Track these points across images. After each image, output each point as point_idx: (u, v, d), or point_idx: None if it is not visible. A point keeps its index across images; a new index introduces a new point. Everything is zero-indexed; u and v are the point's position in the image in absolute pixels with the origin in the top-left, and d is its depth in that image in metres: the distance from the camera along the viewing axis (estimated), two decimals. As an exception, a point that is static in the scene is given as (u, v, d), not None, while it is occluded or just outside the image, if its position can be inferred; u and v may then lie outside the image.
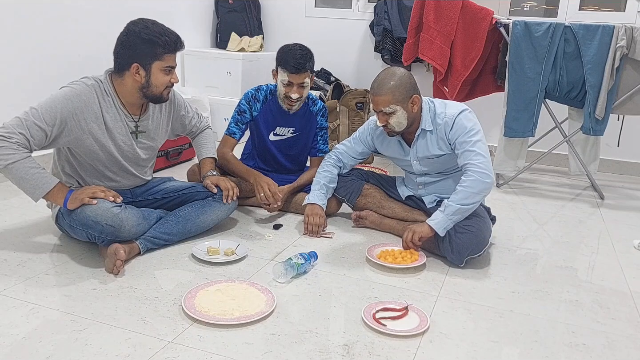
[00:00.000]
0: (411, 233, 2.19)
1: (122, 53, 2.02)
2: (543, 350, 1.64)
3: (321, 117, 2.74)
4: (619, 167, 3.96)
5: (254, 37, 4.38)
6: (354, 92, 3.91)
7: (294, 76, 2.48)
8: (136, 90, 2.04)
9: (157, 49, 1.98)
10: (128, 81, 2.03)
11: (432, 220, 2.16)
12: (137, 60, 1.99)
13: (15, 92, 2.96)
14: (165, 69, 2.03)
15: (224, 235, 2.37)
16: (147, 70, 2.01)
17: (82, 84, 2.02)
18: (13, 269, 1.96)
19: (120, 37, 2.03)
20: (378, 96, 2.19)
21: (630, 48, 3.02)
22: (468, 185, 2.12)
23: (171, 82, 2.07)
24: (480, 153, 2.15)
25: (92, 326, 1.62)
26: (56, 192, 1.94)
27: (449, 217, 2.13)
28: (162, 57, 2.00)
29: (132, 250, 2.07)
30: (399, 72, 2.21)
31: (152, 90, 2.04)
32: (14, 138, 1.87)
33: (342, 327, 1.70)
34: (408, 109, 2.20)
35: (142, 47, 1.98)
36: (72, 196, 1.96)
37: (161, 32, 2.00)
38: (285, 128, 2.68)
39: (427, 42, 3.35)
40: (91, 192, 1.97)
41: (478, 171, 2.12)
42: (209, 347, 1.55)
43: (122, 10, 3.54)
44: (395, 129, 2.24)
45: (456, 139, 2.20)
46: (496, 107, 3.41)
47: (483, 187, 2.13)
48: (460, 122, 2.20)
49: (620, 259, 2.39)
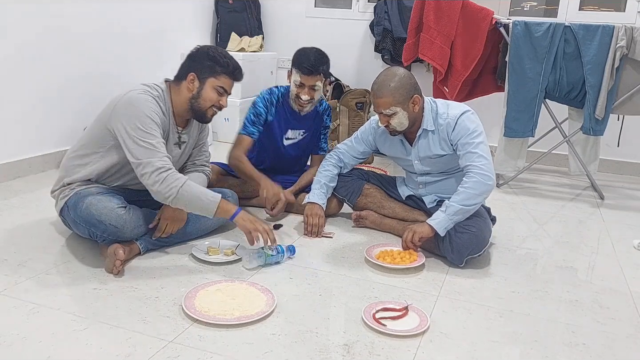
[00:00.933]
0: (411, 233, 2.19)
1: (186, 64, 2.12)
2: (543, 350, 1.64)
3: (327, 117, 2.77)
4: (619, 167, 3.96)
5: (254, 37, 4.39)
6: (354, 92, 3.91)
7: (305, 77, 2.50)
8: (187, 100, 2.10)
9: (217, 67, 2.08)
10: (183, 90, 2.10)
11: (433, 220, 2.16)
12: (195, 70, 2.08)
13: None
14: (218, 88, 2.09)
15: (224, 235, 2.37)
16: (201, 82, 2.08)
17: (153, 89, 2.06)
18: (13, 269, 1.96)
19: (190, 51, 2.14)
20: (379, 98, 2.19)
21: (630, 48, 3.02)
22: (470, 187, 2.12)
23: (219, 104, 2.13)
24: (483, 155, 2.15)
25: (92, 326, 1.62)
26: (224, 204, 2.01)
27: (450, 217, 2.13)
28: (218, 76, 2.08)
29: (133, 251, 2.07)
30: (399, 72, 2.21)
31: (199, 103, 2.10)
32: (166, 165, 1.95)
33: (342, 327, 1.70)
34: (409, 109, 2.21)
35: (205, 61, 2.08)
36: (244, 215, 2.03)
37: (226, 55, 2.11)
38: (297, 131, 2.69)
39: (427, 42, 3.36)
40: (263, 229, 2.03)
41: (480, 173, 2.12)
42: (209, 347, 1.55)
43: (122, 10, 3.54)
44: (397, 129, 2.25)
45: (458, 140, 2.20)
46: (496, 107, 3.41)
47: (484, 189, 2.13)
48: (463, 124, 2.20)
49: (620, 259, 2.39)
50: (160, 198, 1.96)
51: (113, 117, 1.99)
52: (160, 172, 1.92)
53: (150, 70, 3.81)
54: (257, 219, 2.08)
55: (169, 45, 4.03)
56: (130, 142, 1.94)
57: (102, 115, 2.06)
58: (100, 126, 2.05)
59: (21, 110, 3.02)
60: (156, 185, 1.92)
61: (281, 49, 4.58)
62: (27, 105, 3.05)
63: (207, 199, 1.98)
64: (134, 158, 1.94)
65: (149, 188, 1.95)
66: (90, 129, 2.11)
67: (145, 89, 2.04)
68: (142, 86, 2.06)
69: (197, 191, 1.98)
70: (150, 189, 1.95)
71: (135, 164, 1.95)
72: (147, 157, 1.93)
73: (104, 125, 2.03)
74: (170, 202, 1.95)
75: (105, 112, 2.04)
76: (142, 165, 1.93)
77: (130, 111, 1.96)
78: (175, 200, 1.94)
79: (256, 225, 2.03)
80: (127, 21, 3.60)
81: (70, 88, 3.26)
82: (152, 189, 1.94)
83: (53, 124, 3.21)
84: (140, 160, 1.93)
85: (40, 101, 3.11)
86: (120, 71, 3.58)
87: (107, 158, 2.07)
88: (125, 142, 1.95)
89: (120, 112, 1.97)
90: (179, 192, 1.93)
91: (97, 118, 2.09)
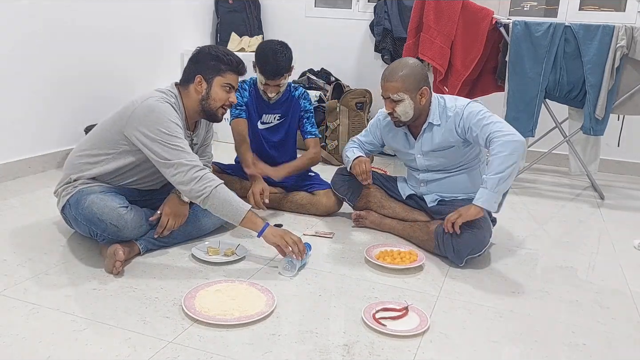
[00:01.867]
0: (457, 215, 2.12)
1: (190, 67, 2.14)
2: (543, 350, 1.64)
3: (304, 100, 2.75)
4: (619, 167, 3.96)
5: (253, 37, 4.39)
6: (354, 92, 3.90)
7: (270, 81, 2.53)
8: (197, 103, 2.12)
9: (221, 65, 2.10)
10: (192, 93, 2.12)
11: (478, 199, 2.09)
12: (202, 72, 2.10)
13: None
14: (226, 86, 2.12)
15: (224, 236, 2.37)
16: (209, 83, 2.11)
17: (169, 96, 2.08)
18: (13, 269, 1.96)
19: (193, 54, 2.16)
20: (388, 82, 2.22)
21: (630, 48, 3.02)
22: (498, 151, 2.07)
23: (229, 101, 2.15)
24: (497, 121, 2.14)
25: (92, 326, 1.62)
26: (252, 215, 2.02)
27: (493, 191, 2.07)
28: (224, 74, 2.11)
29: (132, 251, 2.07)
30: (412, 62, 2.25)
31: (209, 104, 2.12)
32: (200, 164, 1.99)
33: (342, 327, 1.70)
34: (416, 99, 2.22)
35: (209, 61, 2.10)
36: (272, 231, 2.03)
37: (227, 52, 2.13)
38: (272, 115, 2.71)
39: (427, 42, 3.35)
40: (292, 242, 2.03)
41: (503, 134, 2.08)
42: (209, 347, 1.55)
43: (122, 9, 3.54)
44: (401, 118, 2.26)
45: (470, 123, 2.19)
46: (496, 107, 3.40)
47: (514, 147, 2.06)
48: (471, 109, 2.22)
49: (620, 259, 2.39)
50: (191, 196, 1.97)
51: (131, 124, 1.99)
52: (197, 170, 1.96)
53: (150, 70, 3.80)
54: (285, 232, 2.07)
55: (169, 45, 4.03)
56: (156, 145, 1.96)
57: (116, 119, 2.05)
58: (115, 130, 2.05)
59: (21, 110, 3.02)
60: (192, 183, 1.94)
61: (281, 48, 4.57)
62: (27, 106, 3.05)
63: (237, 205, 2.00)
64: (163, 159, 1.96)
65: (181, 186, 1.97)
66: (101, 131, 2.10)
67: (162, 96, 2.05)
68: (158, 93, 2.07)
69: (229, 196, 1.99)
70: (182, 188, 1.97)
71: (164, 165, 1.96)
72: (178, 158, 1.95)
73: (119, 130, 2.03)
74: (201, 201, 1.97)
75: (121, 118, 2.04)
76: (174, 166, 1.95)
77: (151, 118, 1.97)
78: (206, 199, 1.96)
79: (285, 239, 2.03)
80: (127, 21, 3.60)
81: (70, 88, 3.25)
82: (185, 187, 1.96)
83: (53, 124, 3.20)
84: (171, 161, 1.95)
85: (40, 101, 3.10)
86: (120, 71, 3.57)
87: (118, 160, 2.08)
88: (150, 147, 1.97)
89: (139, 119, 1.98)
90: (212, 193, 1.95)
91: (110, 121, 2.08)
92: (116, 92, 3.48)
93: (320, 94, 4.14)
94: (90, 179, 2.09)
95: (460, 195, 2.39)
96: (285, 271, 2.01)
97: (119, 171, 2.10)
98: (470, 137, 2.22)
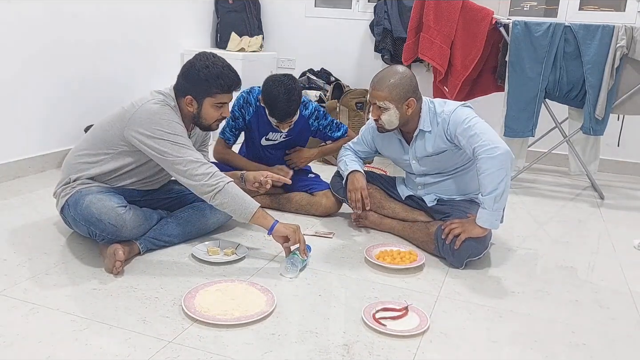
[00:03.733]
0: (460, 229, 2.12)
1: (181, 82, 2.10)
2: (543, 350, 1.64)
3: (314, 120, 2.72)
4: (619, 167, 3.96)
5: (253, 37, 4.38)
6: (353, 92, 3.90)
7: (280, 123, 2.52)
8: (189, 117, 2.12)
9: (212, 89, 2.05)
10: (183, 106, 2.11)
11: (479, 219, 2.09)
12: (191, 93, 2.06)
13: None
14: (217, 105, 2.10)
15: (224, 235, 2.37)
16: (199, 103, 2.08)
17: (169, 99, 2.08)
18: (13, 269, 1.96)
19: (183, 67, 2.10)
20: (375, 90, 2.22)
21: (630, 48, 3.02)
22: (485, 169, 2.06)
23: (221, 116, 2.14)
24: (482, 132, 2.11)
25: (92, 326, 1.62)
26: (262, 212, 2.04)
27: (492, 209, 2.06)
28: (214, 95, 2.07)
29: (132, 251, 2.07)
30: (402, 71, 2.22)
31: (201, 122, 2.13)
32: (207, 162, 2.01)
33: (342, 327, 1.70)
34: (402, 110, 2.21)
35: (199, 84, 2.05)
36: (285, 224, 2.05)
37: (219, 74, 2.04)
38: (278, 133, 2.67)
39: (427, 42, 3.36)
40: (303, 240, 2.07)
41: (487, 148, 2.06)
42: (209, 347, 1.55)
43: (122, 10, 3.54)
44: (385, 126, 2.25)
45: (456, 132, 2.18)
46: (496, 107, 3.41)
47: (500, 160, 2.05)
48: (456, 116, 2.20)
49: (620, 259, 2.39)
50: (202, 191, 1.98)
51: (131, 126, 1.99)
52: (208, 167, 1.98)
53: (150, 70, 3.80)
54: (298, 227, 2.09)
55: (169, 45, 4.03)
56: (160, 144, 1.96)
57: (115, 121, 2.05)
58: (114, 131, 2.05)
59: (21, 110, 3.02)
60: (205, 178, 1.96)
61: (281, 48, 4.58)
62: (28, 106, 3.05)
63: (248, 200, 2.02)
64: (171, 157, 1.97)
65: (191, 181, 1.97)
66: (100, 131, 2.10)
67: (162, 99, 2.05)
68: (158, 95, 2.07)
69: (240, 192, 2.02)
70: (192, 183, 1.98)
71: (172, 162, 1.97)
72: (188, 155, 1.97)
73: (118, 132, 2.03)
74: (213, 196, 1.97)
75: (121, 120, 2.03)
76: (183, 163, 1.96)
77: (152, 120, 1.98)
78: (218, 194, 1.97)
79: (297, 234, 2.06)
80: (127, 21, 3.60)
81: (71, 88, 3.25)
82: (197, 182, 1.96)
83: (53, 124, 3.20)
84: (179, 158, 1.96)
85: (40, 101, 3.10)
86: (120, 71, 3.57)
87: (117, 160, 2.08)
88: (153, 146, 1.97)
89: (139, 121, 1.98)
90: (225, 188, 1.97)
91: (109, 122, 2.08)
92: (116, 92, 3.48)
93: (320, 94, 4.14)
94: (89, 179, 2.09)
95: (458, 197, 2.39)
96: (286, 272, 2.01)
97: (118, 171, 2.10)
98: (459, 144, 2.21)
